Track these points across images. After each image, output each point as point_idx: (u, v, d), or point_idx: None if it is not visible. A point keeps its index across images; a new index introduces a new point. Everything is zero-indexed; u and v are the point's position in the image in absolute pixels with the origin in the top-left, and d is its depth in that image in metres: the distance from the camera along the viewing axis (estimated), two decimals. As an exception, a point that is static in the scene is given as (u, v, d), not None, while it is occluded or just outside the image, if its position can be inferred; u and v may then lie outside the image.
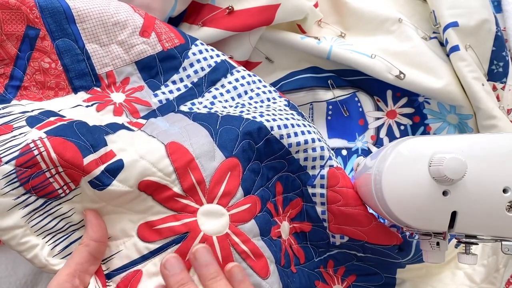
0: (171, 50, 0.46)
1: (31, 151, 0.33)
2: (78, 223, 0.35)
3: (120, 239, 0.35)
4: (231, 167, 0.37)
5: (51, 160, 0.33)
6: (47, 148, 0.33)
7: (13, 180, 0.32)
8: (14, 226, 0.32)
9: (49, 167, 0.33)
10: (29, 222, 0.33)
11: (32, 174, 0.33)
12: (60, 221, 0.34)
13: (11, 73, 0.40)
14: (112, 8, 0.43)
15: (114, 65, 0.44)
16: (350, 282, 0.47)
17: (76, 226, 0.35)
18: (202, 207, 0.36)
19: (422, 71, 0.52)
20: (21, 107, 0.38)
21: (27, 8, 0.40)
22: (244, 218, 0.37)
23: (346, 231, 0.44)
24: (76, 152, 0.33)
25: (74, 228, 0.35)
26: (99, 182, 0.33)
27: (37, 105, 0.39)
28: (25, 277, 0.39)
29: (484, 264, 0.47)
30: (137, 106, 0.44)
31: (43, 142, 0.33)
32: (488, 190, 0.32)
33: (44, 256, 0.33)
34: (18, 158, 0.32)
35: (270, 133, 0.41)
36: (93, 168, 0.33)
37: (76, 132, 0.35)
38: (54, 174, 0.33)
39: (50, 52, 0.41)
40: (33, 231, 0.33)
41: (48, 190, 0.33)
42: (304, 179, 0.44)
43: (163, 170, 0.35)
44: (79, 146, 0.34)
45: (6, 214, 0.32)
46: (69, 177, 0.34)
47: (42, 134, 0.34)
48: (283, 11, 0.52)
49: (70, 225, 0.35)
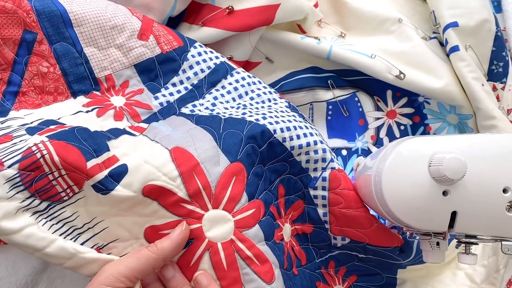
0: (170, 53, 0.46)
1: (33, 154, 0.32)
2: (82, 226, 0.34)
3: (128, 241, 0.35)
4: (236, 172, 0.37)
5: (53, 163, 0.32)
6: (50, 151, 0.33)
7: (17, 184, 0.32)
8: (27, 224, 0.31)
9: (51, 170, 0.33)
10: (38, 222, 0.33)
11: (36, 177, 0.32)
12: (64, 225, 0.34)
13: (9, 79, 0.40)
14: (110, 12, 0.43)
15: (113, 69, 0.44)
16: (351, 282, 0.47)
17: (81, 229, 0.34)
18: (207, 213, 0.35)
19: (422, 71, 0.52)
20: (20, 120, 0.38)
21: (23, 12, 0.39)
22: (249, 223, 0.37)
23: (347, 233, 0.44)
24: (79, 156, 0.33)
25: (79, 232, 0.34)
26: (103, 187, 0.33)
27: (36, 115, 0.39)
28: (25, 277, 0.38)
29: (484, 264, 0.47)
30: (138, 109, 0.44)
31: (45, 145, 0.33)
32: (488, 190, 0.33)
33: (71, 245, 0.32)
34: (21, 162, 0.32)
35: (273, 136, 0.41)
36: (96, 172, 0.33)
37: (78, 138, 0.35)
38: (57, 177, 0.33)
39: (48, 56, 0.41)
40: (46, 229, 0.33)
41: (52, 193, 0.33)
42: (306, 181, 0.44)
43: (168, 175, 0.34)
44: (81, 150, 0.34)
45: (14, 217, 0.31)
46: (72, 180, 0.33)
47: (44, 138, 0.34)
48: (283, 11, 0.52)
49: (74, 228, 0.34)
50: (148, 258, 0.32)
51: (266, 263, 0.36)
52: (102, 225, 0.35)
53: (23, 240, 0.31)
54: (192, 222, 0.35)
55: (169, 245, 0.33)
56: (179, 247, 0.33)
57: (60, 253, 0.32)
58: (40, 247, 0.31)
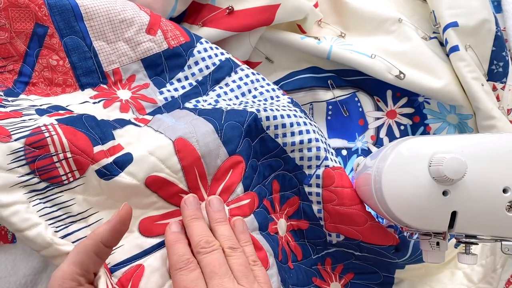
0: (176, 48, 0.46)
1: (42, 132, 0.33)
2: (76, 215, 0.34)
3: None
4: (233, 164, 0.39)
5: (61, 144, 0.33)
6: (58, 133, 0.33)
7: (20, 157, 0.32)
8: (18, 201, 0.31)
9: (57, 151, 0.33)
10: (30, 202, 0.32)
11: (40, 155, 0.33)
12: (59, 210, 0.34)
13: (20, 70, 0.41)
14: (119, 6, 0.44)
15: (120, 63, 0.44)
16: (348, 279, 0.47)
17: (74, 217, 0.34)
18: (203, 203, 0.38)
19: (422, 71, 0.52)
20: (29, 101, 0.38)
21: (35, 6, 0.40)
22: (244, 212, 0.39)
23: (341, 230, 0.44)
24: (87, 141, 0.34)
25: (72, 220, 0.34)
26: (107, 171, 0.34)
27: (45, 100, 0.40)
28: (25, 277, 0.38)
29: (482, 264, 0.47)
30: (143, 103, 0.44)
31: (54, 127, 0.34)
32: (488, 190, 0.33)
33: (49, 235, 0.32)
34: (29, 137, 0.32)
35: (265, 132, 0.42)
36: (102, 157, 0.34)
37: (85, 125, 0.36)
38: (61, 159, 0.33)
39: (58, 50, 0.42)
40: (35, 210, 0.32)
41: (52, 174, 0.33)
42: (301, 178, 0.45)
43: (171, 168, 0.36)
44: (88, 136, 0.35)
45: (9, 190, 0.31)
46: (76, 164, 0.34)
47: (53, 121, 0.34)
48: (283, 11, 0.52)
49: (69, 215, 0.34)
50: (86, 247, 0.30)
51: (261, 251, 0.38)
52: (96, 216, 0.35)
53: (7, 216, 0.31)
54: None
55: (104, 228, 0.31)
56: (117, 229, 0.31)
57: (38, 240, 0.31)
58: (21, 228, 0.31)
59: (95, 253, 0.30)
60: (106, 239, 0.31)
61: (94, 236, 0.31)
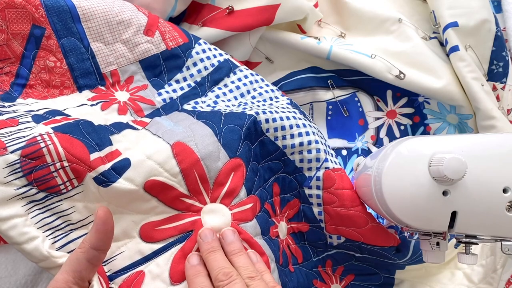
0: (175, 49, 0.46)
1: (37, 143, 0.33)
2: (76, 222, 0.34)
3: (121, 240, 0.35)
4: (234, 167, 0.38)
5: (57, 153, 0.33)
6: (54, 142, 0.33)
7: (16, 170, 0.32)
8: (15, 215, 0.32)
9: (54, 161, 0.33)
10: (28, 214, 0.32)
11: (36, 166, 0.32)
12: (58, 218, 0.34)
13: (17, 72, 0.41)
14: (117, 7, 0.44)
15: (118, 64, 0.44)
16: (348, 281, 0.47)
17: (74, 225, 0.34)
18: (205, 207, 0.37)
19: (422, 71, 0.52)
20: (26, 106, 0.38)
21: (32, 7, 0.40)
22: (247, 217, 0.38)
23: (342, 232, 0.44)
24: (83, 149, 0.34)
25: (72, 228, 0.34)
26: (105, 178, 0.33)
27: (42, 104, 0.39)
28: (25, 277, 0.39)
29: (482, 264, 0.47)
30: (141, 104, 0.44)
31: (50, 136, 0.33)
32: (488, 190, 0.32)
33: (46, 248, 0.32)
34: (24, 149, 0.32)
35: (264, 135, 0.42)
36: (99, 164, 0.34)
37: (82, 131, 0.35)
38: (58, 168, 0.33)
39: (56, 51, 0.41)
40: (33, 222, 0.32)
41: (50, 184, 0.33)
42: (301, 180, 0.45)
43: (169, 171, 0.35)
44: (85, 144, 0.34)
45: (6, 203, 0.32)
46: (73, 172, 0.33)
47: (49, 130, 0.34)
48: (283, 11, 0.52)
49: (68, 223, 0.34)
50: (77, 255, 0.31)
51: (263, 256, 0.37)
52: None
53: (6, 230, 0.31)
54: (191, 215, 0.36)
55: (90, 233, 0.32)
56: (101, 230, 0.31)
57: (35, 253, 0.32)
58: (19, 241, 0.31)
59: (87, 260, 0.31)
60: (94, 243, 0.31)
61: (83, 243, 0.31)
